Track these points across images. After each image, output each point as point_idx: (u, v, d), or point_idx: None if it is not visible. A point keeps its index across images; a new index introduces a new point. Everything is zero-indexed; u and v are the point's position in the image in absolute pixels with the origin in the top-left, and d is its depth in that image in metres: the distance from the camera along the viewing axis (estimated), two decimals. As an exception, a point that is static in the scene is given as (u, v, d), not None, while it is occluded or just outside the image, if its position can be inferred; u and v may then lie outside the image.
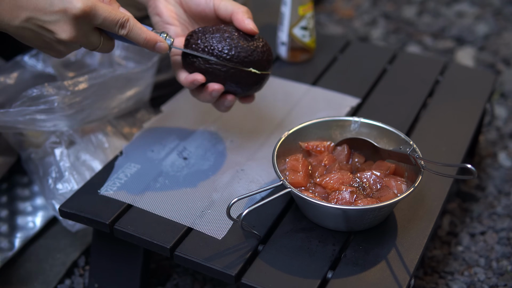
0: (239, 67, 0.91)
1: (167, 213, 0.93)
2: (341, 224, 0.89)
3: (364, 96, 1.21)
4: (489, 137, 1.46)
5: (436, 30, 1.91)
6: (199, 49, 0.91)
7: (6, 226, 1.13)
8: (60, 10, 0.82)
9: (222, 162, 1.02)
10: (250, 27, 0.92)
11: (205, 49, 0.91)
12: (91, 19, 0.84)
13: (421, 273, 1.13)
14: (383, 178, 0.91)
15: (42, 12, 0.83)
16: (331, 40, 1.39)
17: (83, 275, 1.12)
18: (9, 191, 1.20)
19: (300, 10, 1.23)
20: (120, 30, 0.87)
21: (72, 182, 1.08)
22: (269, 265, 0.85)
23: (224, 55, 0.90)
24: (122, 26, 0.87)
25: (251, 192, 0.85)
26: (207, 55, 0.91)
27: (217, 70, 0.91)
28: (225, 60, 0.91)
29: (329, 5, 2.05)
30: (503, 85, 1.64)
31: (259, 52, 0.92)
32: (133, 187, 0.97)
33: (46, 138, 1.12)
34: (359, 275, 0.84)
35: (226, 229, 0.90)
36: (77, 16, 0.83)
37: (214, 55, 0.91)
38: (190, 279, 1.11)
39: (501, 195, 1.30)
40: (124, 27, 0.87)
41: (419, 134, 1.11)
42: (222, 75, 0.91)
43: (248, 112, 1.14)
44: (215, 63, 0.91)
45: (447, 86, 1.25)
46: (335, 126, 1.00)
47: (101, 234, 1.00)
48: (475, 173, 0.82)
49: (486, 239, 1.19)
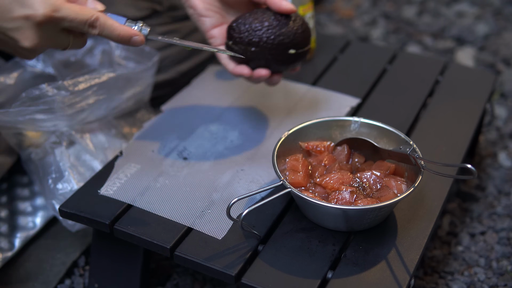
0: (282, 51, 0.95)
1: (167, 213, 0.93)
2: (341, 224, 0.89)
3: (364, 96, 1.21)
4: (489, 137, 1.46)
5: (436, 30, 1.91)
6: (244, 42, 0.94)
7: (6, 226, 1.13)
8: (21, 16, 0.78)
9: (222, 162, 1.02)
10: (289, 7, 0.93)
11: (249, 43, 0.94)
12: (56, 23, 0.79)
13: (421, 273, 1.13)
14: (383, 178, 0.91)
15: (2, 19, 0.78)
16: (331, 40, 1.39)
17: (83, 275, 1.12)
18: (9, 191, 1.20)
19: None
20: (90, 30, 0.82)
21: (72, 182, 1.08)
22: (269, 265, 0.85)
23: (268, 46, 0.94)
24: (91, 26, 0.82)
25: (251, 192, 0.85)
26: (250, 46, 0.94)
27: (262, 56, 0.95)
28: (268, 49, 0.94)
29: (329, 5, 2.05)
30: (503, 85, 1.64)
31: (299, 34, 0.95)
32: (133, 187, 0.97)
33: (46, 138, 1.12)
34: (359, 275, 0.84)
35: (226, 229, 0.90)
36: (41, 23, 0.78)
37: (260, 46, 0.94)
38: (190, 279, 1.11)
39: (501, 195, 1.30)
40: (94, 26, 0.82)
41: (419, 134, 1.11)
42: (267, 59, 0.95)
43: (248, 112, 1.14)
44: (260, 50, 0.94)
45: (447, 86, 1.25)
46: (335, 126, 1.00)
47: (101, 234, 1.00)
48: (475, 173, 0.82)
49: (486, 239, 1.20)
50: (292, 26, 0.95)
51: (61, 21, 0.79)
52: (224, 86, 1.21)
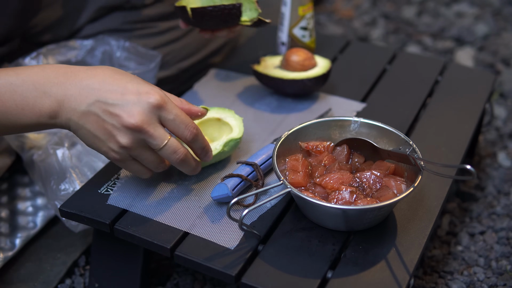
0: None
1: (165, 217, 0.92)
2: (341, 224, 0.89)
3: (364, 96, 1.21)
4: (489, 137, 1.47)
5: (435, 30, 1.91)
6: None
7: (7, 226, 1.14)
8: (134, 93, 0.81)
9: (222, 162, 1.02)
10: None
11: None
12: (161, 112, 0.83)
13: (421, 272, 1.13)
14: (382, 178, 0.91)
15: (116, 97, 0.81)
16: (331, 40, 1.40)
17: (83, 274, 1.12)
18: (9, 191, 1.20)
19: (300, 11, 1.23)
20: (188, 135, 0.86)
21: (75, 182, 1.08)
22: (269, 265, 0.85)
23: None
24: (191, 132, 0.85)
25: (251, 193, 0.86)
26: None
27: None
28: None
29: (329, 5, 2.05)
30: (503, 85, 1.64)
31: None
32: (132, 188, 0.97)
33: (48, 139, 1.12)
34: (359, 274, 0.85)
35: (226, 231, 0.90)
36: (154, 106, 0.81)
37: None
38: (190, 278, 1.11)
39: (501, 195, 1.30)
40: (194, 133, 0.86)
41: (419, 134, 1.11)
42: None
43: (248, 112, 1.14)
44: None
45: (446, 86, 1.25)
46: (335, 126, 1.00)
47: (102, 234, 1.00)
48: (474, 174, 0.82)
49: (486, 239, 1.20)
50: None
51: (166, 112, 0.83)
52: (225, 89, 1.21)
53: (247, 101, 1.17)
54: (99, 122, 0.81)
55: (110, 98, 0.81)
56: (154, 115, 0.82)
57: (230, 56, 1.34)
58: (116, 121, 0.81)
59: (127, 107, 0.80)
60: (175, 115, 0.83)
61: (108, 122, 0.81)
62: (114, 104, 0.80)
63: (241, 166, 0.97)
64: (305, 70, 1.15)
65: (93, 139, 0.83)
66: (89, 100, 0.81)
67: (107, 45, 1.20)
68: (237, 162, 0.99)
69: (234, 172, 0.96)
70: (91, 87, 0.81)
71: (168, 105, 0.82)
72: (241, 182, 0.94)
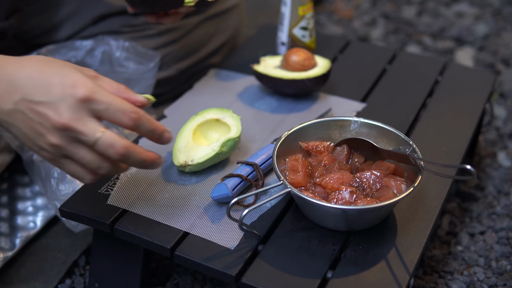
0: None
1: (165, 217, 0.92)
2: (341, 224, 0.89)
3: (364, 96, 1.21)
4: (489, 137, 1.47)
5: (435, 30, 1.91)
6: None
7: (7, 226, 1.14)
8: (60, 91, 0.75)
9: (222, 162, 1.02)
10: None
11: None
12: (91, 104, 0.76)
13: (421, 272, 1.13)
14: (382, 178, 0.91)
15: (39, 93, 0.75)
16: (331, 40, 1.40)
17: (83, 274, 1.12)
18: (9, 191, 1.20)
19: (300, 11, 1.23)
20: (127, 121, 0.78)
21: (75, 182, 1.08)
22: (269, 265, 0.85)
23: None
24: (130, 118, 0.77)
25: (251, 193, 0.86)
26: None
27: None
28: None
29: (329, 5, 2.05)
30: (503, 85, 1.64)
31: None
32: (132, 188, 0.97)
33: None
34: (359, 274, 0.85)
35: (226, 231, 0.90)
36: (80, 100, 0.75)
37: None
38: (190, 278, 1.11)
39: (501, 195, 1.30)
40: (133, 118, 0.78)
41: (419, 134, 1.11)
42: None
43: (248, 112, 1.14)
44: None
45: (446, 86, 1.25)
46: (334, 126, 1.00)
47: (102, 234, 1.00)
48: (474, 174, 0.82)
49: (486, 239, 1.20)
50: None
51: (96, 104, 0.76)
52: (226, 89, 1.21)
53: (247, 101, 1.17)
54: (26, 121, 0.77)
55: (36, 95, 0.76)
56: (83, 109, 0.75)
57: (230, 56, 1.34)
58: (43, 120, 0.76)
59: (53, 104, 0.75)
60: (107, 103, 0.76)
61: (35, 121, 0.77)
62: (40, 102, 0.76)
63: (241, 166, 0.97)
64: (305, 70, 1.15)
65: (23, 137, 0.79)
66: (15, 97, 0.76)
67: (106, 45, 1.20)
68: (237, 162, 0.99)
69: (234, 172, 0.96)
70: (17, 84, 0.76)
71: (97, 95, 0.76)
72: (241, 182, 0.94)
